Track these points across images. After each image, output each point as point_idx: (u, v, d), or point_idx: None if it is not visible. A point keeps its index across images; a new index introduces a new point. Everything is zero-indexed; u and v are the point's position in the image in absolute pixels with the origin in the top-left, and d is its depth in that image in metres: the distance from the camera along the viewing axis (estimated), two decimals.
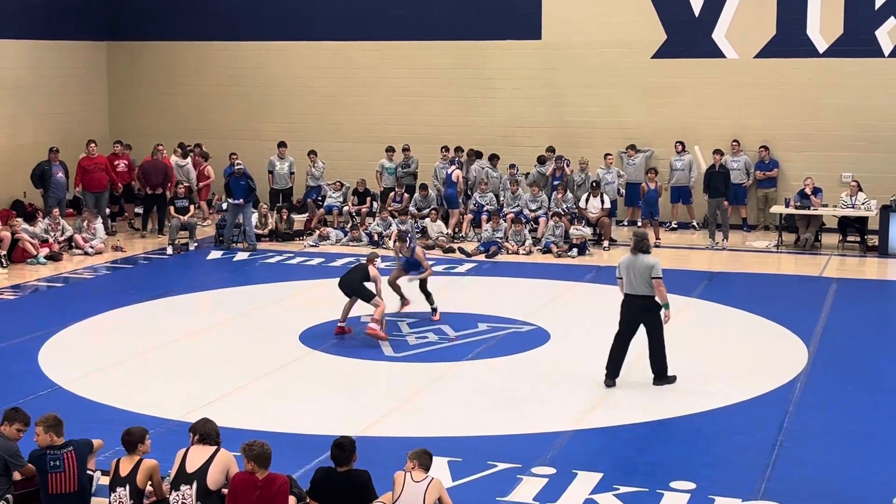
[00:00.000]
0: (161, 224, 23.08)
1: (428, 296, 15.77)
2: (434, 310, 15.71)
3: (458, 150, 23.70)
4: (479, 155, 23.71)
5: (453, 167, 23.23)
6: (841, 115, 22.72)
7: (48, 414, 9.01)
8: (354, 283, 14.73)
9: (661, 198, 22.44)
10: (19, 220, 21.02)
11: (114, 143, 24.35)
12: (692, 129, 23.46)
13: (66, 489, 8.77)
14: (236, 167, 21.91)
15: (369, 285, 14.67)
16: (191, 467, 8.42)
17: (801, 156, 23.04)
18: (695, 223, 23.47)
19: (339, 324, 14.82)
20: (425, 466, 8.50)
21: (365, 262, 14.96)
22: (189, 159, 24.21)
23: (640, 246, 12.56)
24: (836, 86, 22.71)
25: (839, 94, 22.70)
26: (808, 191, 21.64)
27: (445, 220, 22.60)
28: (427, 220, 22.10)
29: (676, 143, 23.20)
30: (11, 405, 10.21)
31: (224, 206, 21.98)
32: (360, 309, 14.90)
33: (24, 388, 12.33)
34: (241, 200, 21.22)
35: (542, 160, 23.22)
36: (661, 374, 12.59)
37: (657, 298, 12.37)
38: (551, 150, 23.44)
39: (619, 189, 23.17)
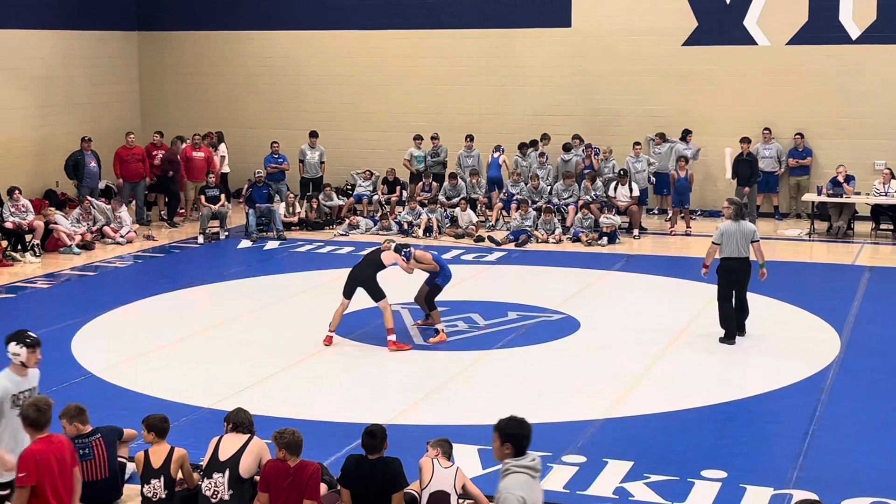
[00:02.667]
0: (171, 213, 23.26)
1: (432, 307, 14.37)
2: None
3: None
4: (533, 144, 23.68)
5: (499, 153, 23.30)
6: (874, 102, 22.52)
7: (69, 405, 9.05)
8: (364, 276, 13.72)
9: (692, 185, 22.33)
10: (52, 209, 21.20)
11: (154, 133, 24.49)
12: (723, 117, 23.32)
13: (98, 476, 8.84)
14: (256, 176, 22.16)
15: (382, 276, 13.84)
16: (223, 455, 8.47)
17: (834, 143, 22.86)
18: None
19: (329, 332, 13.75)
20: (448, 454, 8.60)
21: (380, 249, 14.07)
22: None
23: (742, 212, 14.04)
24: (869, 73, 22.51)
25: (872, 81, 22.51)
26: (840, 178, 21.49)
27: (475, 206, 22.70)
28: (457, 209, 22.10)
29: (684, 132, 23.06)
30: (44, 393, 10.28)
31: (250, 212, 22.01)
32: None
33: (57, 376, 12.41)
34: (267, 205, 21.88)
35: (567, 147, 23.16)
36: (743, 328, 13.96)
37: (758, 258, 13.85)
38: (578, 138, 23.41)
39: (648, 177, 23.09)
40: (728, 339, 13.76)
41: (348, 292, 13.78)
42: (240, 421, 8.73)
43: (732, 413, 11.29)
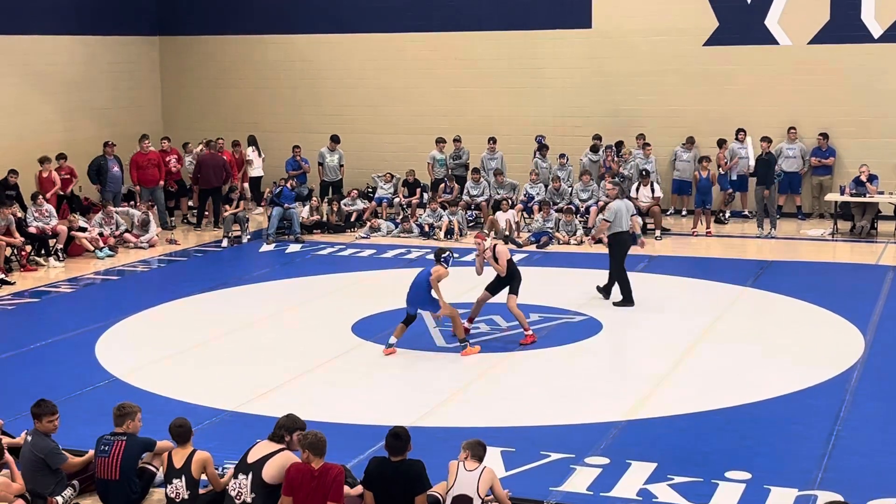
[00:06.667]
0: (217, 217, 23.29)
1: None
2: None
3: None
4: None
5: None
6: None
7: (124, 403, 9.26)
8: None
9: (713, 186, 22.24)
10: (76, 214, 21.30)
11: (161, 139, 24.57)
12: (745, 117, 23.23)
13: (109, 475, 8.91)
14: (289, 183, 22.51)
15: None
16: (251, 458, 8.51)
17: (857, 143, 22.74)
18: (748, 212, 23.24)
19: (468, 322, 14.17)
20: (478, 457, 8.55)
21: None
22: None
23: (625, 191, 16.73)
24: (892, 71, 22.38)
25: (895, 80, 22.37)
26: (863, 178, 21.38)
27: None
28: (498, 212, 21.83)
29: (738, 130, 22.96)
30: (69, 397, 10.37)
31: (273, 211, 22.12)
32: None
33: (81, 380, 12.49)
34: (292, 204, 22.08)
35: (595, 148, 23.13)
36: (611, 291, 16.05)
37: (636, 229, 16.45)
38: (597, 137, 23.38)
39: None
40: (629, 302, 15.60)
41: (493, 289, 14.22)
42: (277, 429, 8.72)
43: (756, 414, 11.24)
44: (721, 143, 22.92)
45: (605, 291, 16.11)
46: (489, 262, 14.00)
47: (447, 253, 13.66)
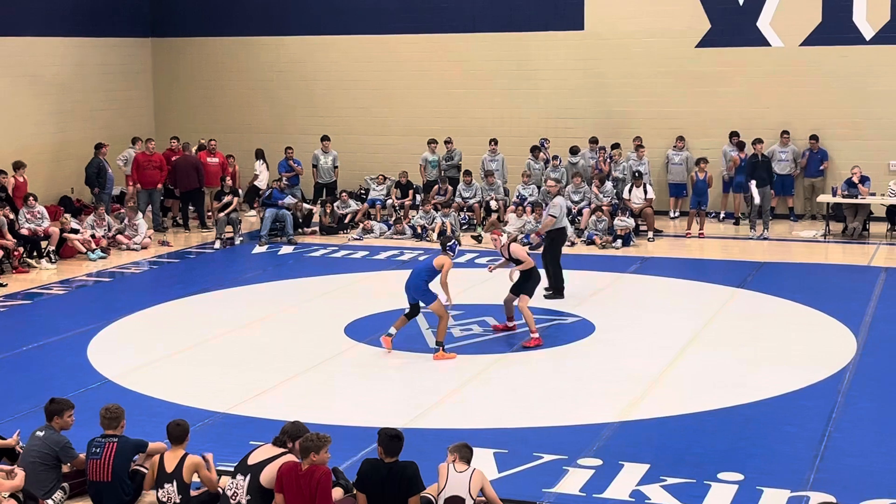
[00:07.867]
0: (202, 218, 23.28)
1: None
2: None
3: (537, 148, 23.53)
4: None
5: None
6: (888, 102, 22.44)
7: (110, 405, 9.25)
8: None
9: (710, 187, 22.27)
10: (68, 215, 21.26)
11: (170, 138, 24.53)
12: (737, 119, 23.26)
13: (101, 478, 8.91)
14: (282, 184, 22.49)
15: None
16: (252, 460, 8.52)
17: (849, 144, 22.78)
18: (740, 213, 23.21)
19: (508, 321, 14.56)
20: (466, 459, 8.58)
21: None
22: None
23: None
24: (884, 73, 22.43)
25: (886, 82, 22.43)
26: (855, 179, 21.42)
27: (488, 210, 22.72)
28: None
29: (731, 134, 22.99)
30: (63, 399, 10.31)
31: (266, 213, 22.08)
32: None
33: (73, 382, 12.47)
34: (283, 200, 22.02)
35: (574, 151, 23.13)
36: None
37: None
38: (594, 140, 23.40)
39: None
40: (559, 294, 16.23)
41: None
42: (280, 435, 8.72)
43: (749, 415, 11.26)
44: (742, 146, 22.84)
45: (555, 292, 16.35)
46: (512, 262, 14.23)
47: (452, 241, 13.75)
